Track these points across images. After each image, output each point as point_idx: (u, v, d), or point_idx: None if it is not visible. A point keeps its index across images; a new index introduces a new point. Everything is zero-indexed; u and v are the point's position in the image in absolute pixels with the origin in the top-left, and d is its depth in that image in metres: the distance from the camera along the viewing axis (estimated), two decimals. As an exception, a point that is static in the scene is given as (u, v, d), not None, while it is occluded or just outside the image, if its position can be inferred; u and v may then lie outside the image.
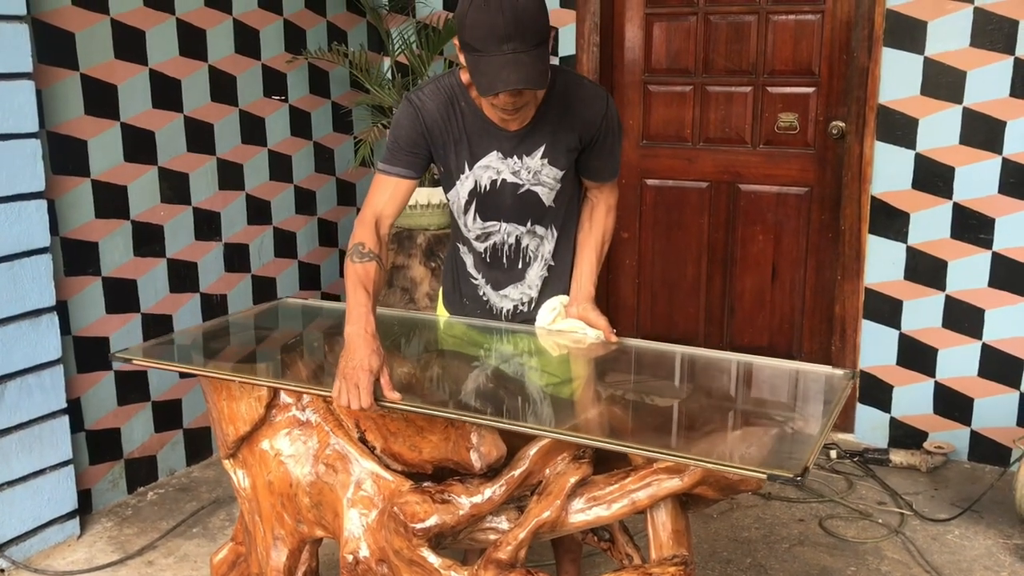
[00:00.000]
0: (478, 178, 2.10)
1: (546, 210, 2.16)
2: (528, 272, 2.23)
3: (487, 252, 2.20)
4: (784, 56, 3.61)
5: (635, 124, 3.92)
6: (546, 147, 2.06)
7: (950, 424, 3.45)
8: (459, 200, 2.15)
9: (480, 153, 2.07)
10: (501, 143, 2.06)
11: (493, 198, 2.12)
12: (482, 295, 2.29)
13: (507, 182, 2.09)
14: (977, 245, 3.31)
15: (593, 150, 2.12)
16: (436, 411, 1.85)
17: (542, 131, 2.05)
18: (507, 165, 2.08)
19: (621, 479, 1.82)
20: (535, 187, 2.10)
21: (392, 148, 2.07)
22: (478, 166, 2.08)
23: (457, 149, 2.08)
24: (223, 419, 2.17)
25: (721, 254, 3.87)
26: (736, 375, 2.14)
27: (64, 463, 2.94)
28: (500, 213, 2.14)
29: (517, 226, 2.16)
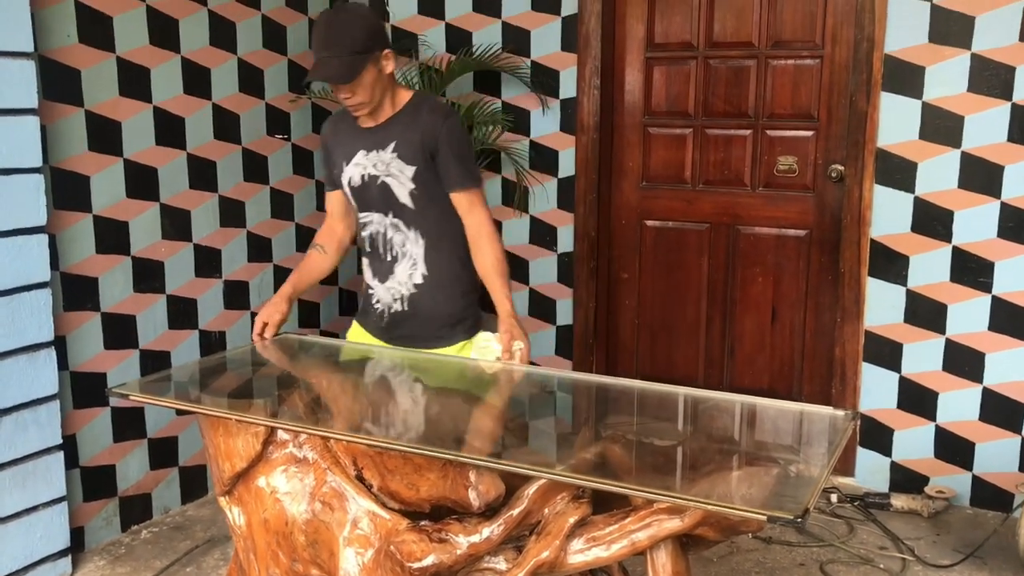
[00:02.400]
0: (351, 174, 2.54)
1: (402, 206, 2.50)
2: (396, 267, 2.55)
3: (369, 240, 2.58)
4: (783, 100, 3.64)
5: (635, 166, 3.94)
6: (396, 143, 2.48)
7: (952, 469, 3.43)
8: (347, 194, 2.60)
9: (352, 153, 2.54)
10: (364, 142, 2.51)
11: (364, 190, 2.53)
12: (372, 296, 2.61)
13: (370, 175, 2.51)
14: (977, 288, 3.31)
15: (438, 156, 2.48)
16: (434, 451, 1.84)
17: (393, 130, 2.49)
18: (369, 160, 2.50)
19: (621, 519, 1.81)
20: (387, 178, 2.49)
21: (324, 165, 2.68)
22: (352, 164, 2.54)
23: (339, 153, 2.58)
24: (219, 455, 2.16)
25: (721, 295, 3.87)
26: (737, 416, 2.13)
27: (58, 500, 2.91)
28: (370, 204, 2.54)
29: (383, 216, 2.53)
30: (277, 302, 2.58)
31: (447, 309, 2.54)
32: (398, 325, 2.57)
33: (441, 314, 2.54)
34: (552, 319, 4.09)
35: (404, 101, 2.49)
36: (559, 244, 4.03)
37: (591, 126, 3.86)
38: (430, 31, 4.07)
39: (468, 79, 4.00)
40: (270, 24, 3.64)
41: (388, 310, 2.58)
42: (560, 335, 4.09)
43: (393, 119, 2.49)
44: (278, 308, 2.57)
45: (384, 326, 2.60)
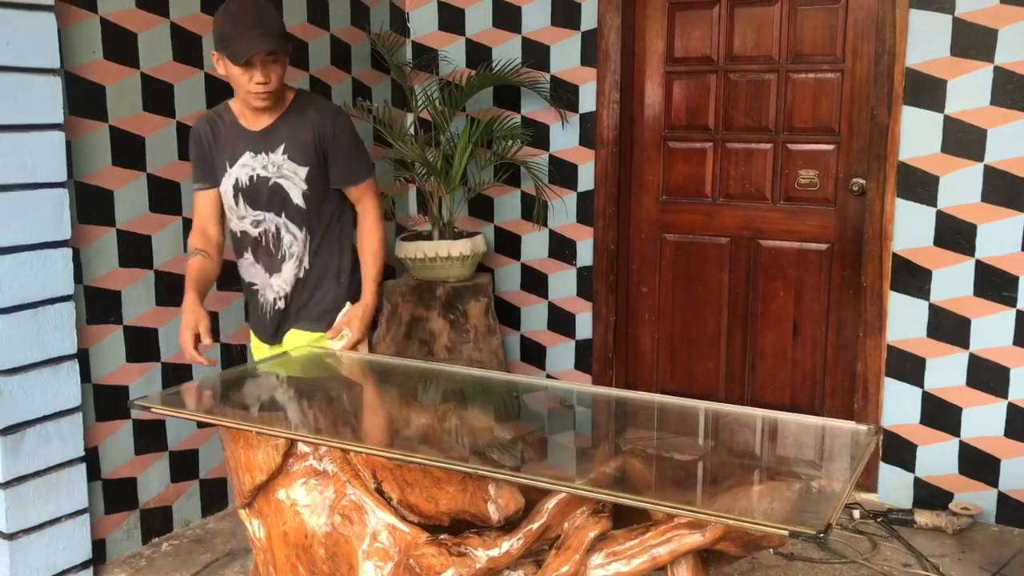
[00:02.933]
0: (238, 175, 2.56)
1: (296, 207, 2.57)
2: (284, 266, 2.63)
3: (261, 238, 2.61)
4: (804, 114, 3.63)
5: (655, 179, 3.94)
6: (286, 144, 2.53)
7: (976, 485, 3.38)
8: (228, 195, 2.60)
9: (237, 154, 2.56)
10: (251, 143, 2.54)
11: (253, 192, 2.56)
12: (258, 294, 2.67)
13: (260, 176, 2.55)
14: (1000, 303, 3.28)
15: (331, 155, 2.56)
16: (454, 464, 1.84)
17: (282, 132, 2.53)
18: (258, 161, 2.54)
19: (641, 534, 1.80)
20: (280, 180, 2.54)
21: (194, 165, 2.65)
22: (237, 165, 2.56)
23: (222, 154, 2.58)
24: (240, 467, 2.17)
25: (742, 310, 3.85)
26: (758, 430, 2.11)
27: (80, 512, 2.93)
28: (260, 205, 2.57)
29: (275, 217, 2.58)
30: (194, 309, 2.52)
31: (325, 299, 2.67)
32: (279, 321, 2.68)
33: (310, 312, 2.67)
34: (571, 333, 4.09)
35: (289, 100, 2.56)
36: (578, 258, 4.02)
37: (610, 140, 3.86)
38: (450, 46, 4.10)
39: (488, 94, 4.01)
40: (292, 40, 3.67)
41: (272, 307, 2.66)
42: (579, 349, 4.08)
43: (280, 120, 2.54)
44: (199, 315, 2.51)
45: (267, 323, 2.69)
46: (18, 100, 2.65)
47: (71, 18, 2.87)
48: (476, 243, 3.88)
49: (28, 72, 2.68)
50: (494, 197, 4.13)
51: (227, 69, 2.46)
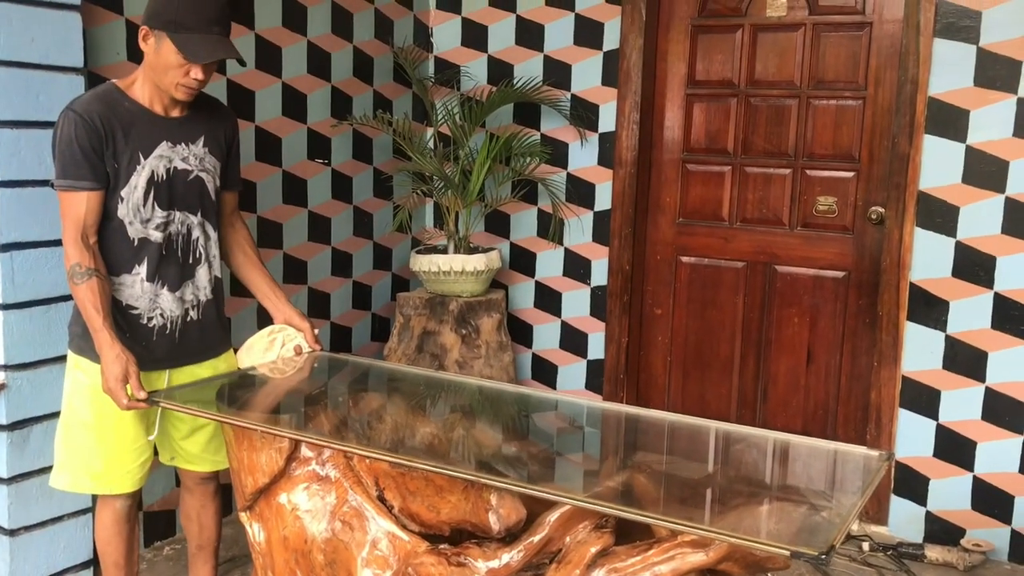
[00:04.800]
0: (154, 167, 2.30)
1: (211, 204, 2.43)
2: (198, 270, 2.43)
3: (165, 243, 2.35)
4: (824, 140, 3.62)
5: (672, 202, 3.92)
6: (205, 136, 2.39)
7: (989, 521, 3.33)
8: (135, 193, 2.29)
9: (151, 145, 2.29)
10: (168, 132, 2.32)
11: (169, 185, 2.33)
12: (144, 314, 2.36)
13: (179, 169, 2.34)
14: (1019, 337, 3.23)
15: (231, 154, 2.48)
16: (456, 472, 1.82)
17: (200, 121, 2.38)
18: (176, 152, 2.33)
19: (644, 551, 1.77)
20: (201, 173, 2.39)
21: (74, 163, 2.22)
22: (152, 156, 2.29)
23: (129, 144, 2.27)
24: (243, 469, 2.16)
25: (756, 335, 3.82)
26: (768, 452, 2.08)
27: (82, 511, 2.92)
28: (175, 201, 2.35)
29: (189, 215, 2.38)
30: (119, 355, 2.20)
31: (222, 314, 2.55)
32: (184, 339, 2.41)
33: (221, 320, 2.55)
34: (583, 353, 4.07)
35: None
36: (593, 278, 4.01)
37: (629, 160, 3.86)
38: (472, 63, 4.11)
39: (508, 111, 4.02)
40: (315, 50, 3.70)
41: (177, 322, 2.40)
42: (591, 369, 4.06)
43: (195, 110, 2.37)
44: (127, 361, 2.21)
45: (164, 344, 2.39)
46: (40, 97, 2.67)
47: (97, 19, 2.90)
48: (491, 258, 3.88)
49: (52, 70, 2.70)
50: (511, 214, 4.13)
51: (160, 52, 2.20)
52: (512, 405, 2.40)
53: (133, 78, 2.34)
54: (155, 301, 2.37)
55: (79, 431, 2.41)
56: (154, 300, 2.37)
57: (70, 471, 2.45)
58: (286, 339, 2.55)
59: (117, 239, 2.31)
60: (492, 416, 2.36)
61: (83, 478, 2.44)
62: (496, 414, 2.36)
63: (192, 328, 2.45)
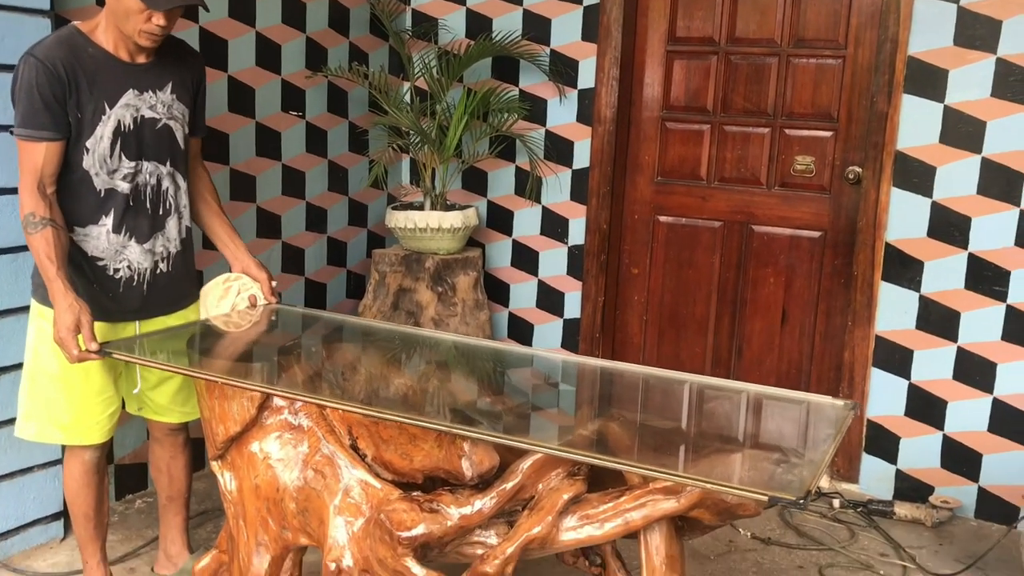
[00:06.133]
0: (121, 117, 2.24)
1: (180, 153, 2.38)
2: (168, 222, 2.38)
3: (132, 195, 2.30)
4: (803, 99, 3.60)
5: (651, 160, 3.90)
6: (173, 82, 2.32)
7: (957, 479, 3.37)
8: (102, 144, 2.23)
9: (117, 93, 2.22)
10: (135, 79, 2.25)
11: (137, 135, 2.27)
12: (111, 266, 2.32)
13: (146, 118, 2.28)
14: (991, 297, 3.25)
15: (198, 100, 2.44)
16: (430, 422, 1.81)
17: (167, 67, 2.31)
18: (144, 101, 2.27)
19: (616, 498, 1.77)
20: (170, 121, 2.33)
21: (33, 111, 2.14)
22: (119, 105, 2.23)
23: (93, 93, 2.19)
24: (214, 418, 2.13)
25: (731, 295, 3.82)
26: (738, 403, 2.09)
27: (52, 462, 2.89)
28: (143, 151, 2.29)
29: (159, 165, 2.33)
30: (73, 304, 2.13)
31: (191, 266, 2.53)
32: (153, 290, 2.38)
33: (191, 271, 2.52)
34: (560, 312, 4.06)
35: None
36: (570, 236, 3.99)
37: (608, 118, 3.83)
38: (450, 16, 4.05)
39: (486, 65, 3.97)
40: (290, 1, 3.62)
41: (145, 275, 2.36)
42: (567, 328, 4.05)
43: (161, 55, 2.30)
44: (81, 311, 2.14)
45: (132, 295, 2.36)
46: (5, 40, 2.60)
47: (64, -39, 2.82)
48: (468, 216, 3.85)
49: (17, 11, 2.63)
50: (488, 171, 4.10)
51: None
52: (486, 359, 2.39)
53: (96, 22, 2.26)
54: (122, 253, 2.33)
55: (45, 381, 2.37)
56: (120, 252, 2.33)
57: (36, 421, 2.42)
58: (242, 288, 2.51)
59: (83, 190, 2.25)
60: (466, 369, 2.35)
61: (50, 428, 2.41)
62: (470, 367, 2.35)
63: (161, 280, 2.41)
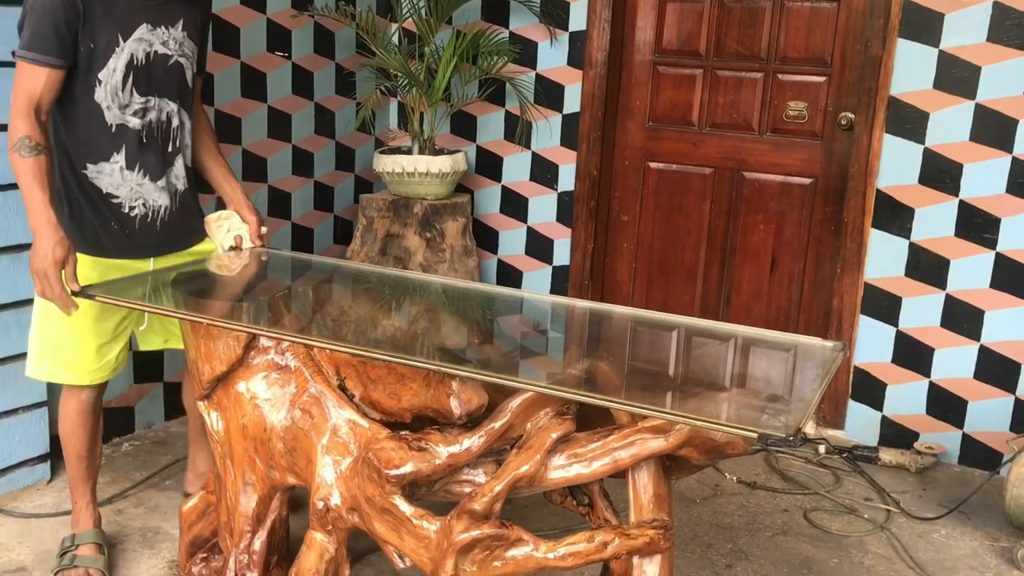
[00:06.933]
0: (134, 51, 2.21)
1: (188, 91, 2.37)
2: (176, 159, 2.37)
3: (144, 130, 2.28)
4: (797, 43, 3.55)
5: (642, 105, 3.86)
6: (184, 19, 2.30)
7: (942, 426, 3.40)
8: (114, 76, 2.20)
9: (131, 27, 2.19)
10: (149, 14, 2.22)
11: (148, 70, 2.24)
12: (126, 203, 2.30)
13: (159, 53, 2.26)
14: (981, 245, 3.25)
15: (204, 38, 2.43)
16: (419, 361, 1.80)
17: (178, 4, 2.28)
18: (156, 36, 2.24)
19: (604, 437, 1.77)
20: (181, 59, 2.31)
21: (43, 35, 2.09)
22: (132, 39, 2.20)
23: (108, 24, 2.15)
24: (200, 358, 2.12)
25: (721, 242, 3.81)
26: (728, 345, 2.08)
27: (38, 404, 2.88)
28: (153, 87, 2.27)
29: (169, 102, 2.31)
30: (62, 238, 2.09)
31: (197, 202, 2.51)
32: (165, 228, 2.38)
33: (198, 208, 2.51)
34: (548, 259, 4.04)
35: None
36: (560, 182, 3.96)
37: (599, 62, 3.77)
38: (439, -44, 3.96)
39: (475, 6, 3.90)
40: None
41: (160, 212, 2.35)
42: (556, 275, 4.04)
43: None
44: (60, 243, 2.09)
45: (147, 233, 2.35)
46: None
47: None
48: (456, 160, 3.80)
49: None
50: (477, 116, 4.04)
51: None
52: (476, 301, 2.37)
53: None
54: (138, 191, 2.31)
55: (54, 322, 2.34)
56: (136, 190, 2.31)
57: (47, 361, 2.40)
58: (231, 227, 2.51)
59: (94, 125, 2.22)
60: (455, 311, 2.33)
61: (60, 368, 2.39)
62: (459, 309, 2.34)
63: (173, 217, 2.40)
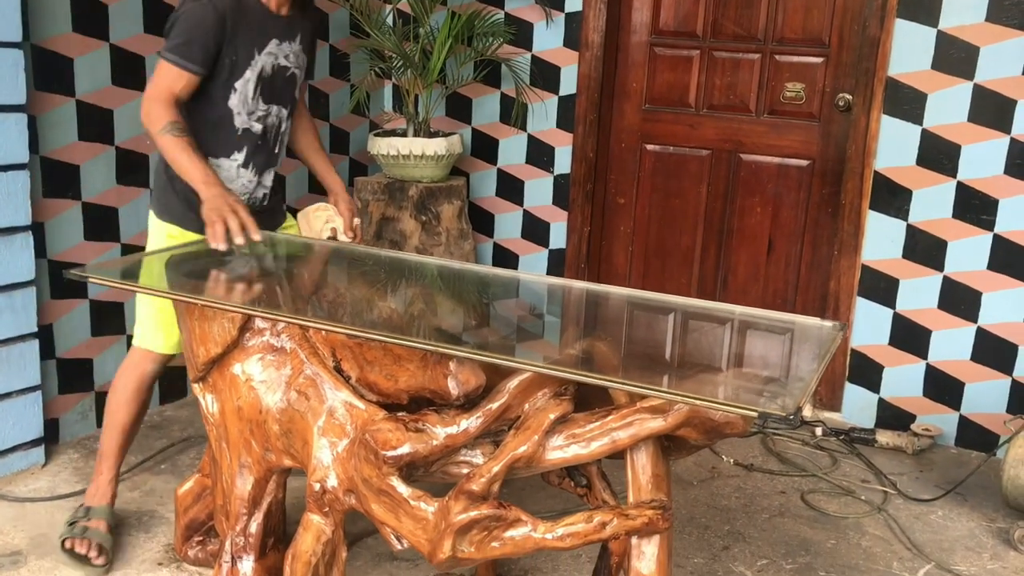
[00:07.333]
0: (264, 63, 2.39)
1: (296, 98, 2.56)
2: (278, 159, 2.55)
3: (261, 134, 2.46)
4: (794, 24, 3.53)
5: (639, 87, 3.83)
6: (302, 35, 2.48)
7: (939, 408, 3.39)
8: (248, 86, 2.38)
9: (265, 41, 2.38)
10: (278, 30, 2.40)
11: (272, 81, 2.43)
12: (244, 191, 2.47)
13: (281, 66, 2.44)
14: (978, 226, 3.24)
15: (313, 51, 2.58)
16: (415, 342, 1.78)
17: (297, 20, 2.46)
18: (281, 50, 2.43)
19: (602, 417, 1.75)
20: (296, 70, 2.49)
21: (190, 45, 2.28)
22: (264, 53, 2.39)
23: (248, 39, 2.34)
24: (194, 340, 2.10)
25: (718, 225, 3.79)
26: (726, 325, 2.07)
27: (32, 388, 2.86)
28: (275, 96, 2.45)
29: (282, 109, 2.49)
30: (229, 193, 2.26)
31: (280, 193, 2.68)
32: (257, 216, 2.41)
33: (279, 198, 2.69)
34: (545, 242, 4.02)
35: None
36: (556, 165, 3.94)
37: (596, 43, 3.75)
38: (434, -64, 3.93)
39: (471, -13, 3.87)
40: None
41: (257, 203, 2.50)
42: (552, 258, 4.02)
43: (296, 7, 2.43)
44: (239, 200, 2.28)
45: None
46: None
47: None
48: (452, 143, 3.78)
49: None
50: (472, 98, 4.02)
51: None
52: (472, 282, 2.35)
53: None
54: (247, 186, 2.47)
55: None
56: (246, 185, 2.47)
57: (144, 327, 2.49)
58: (328, 219, 2.63)
59: (224, 126, 2.39)
60: (451, 292, 2.32)
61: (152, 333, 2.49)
62: (455, 290, 2.32)
63: (267, 207, 2.55)
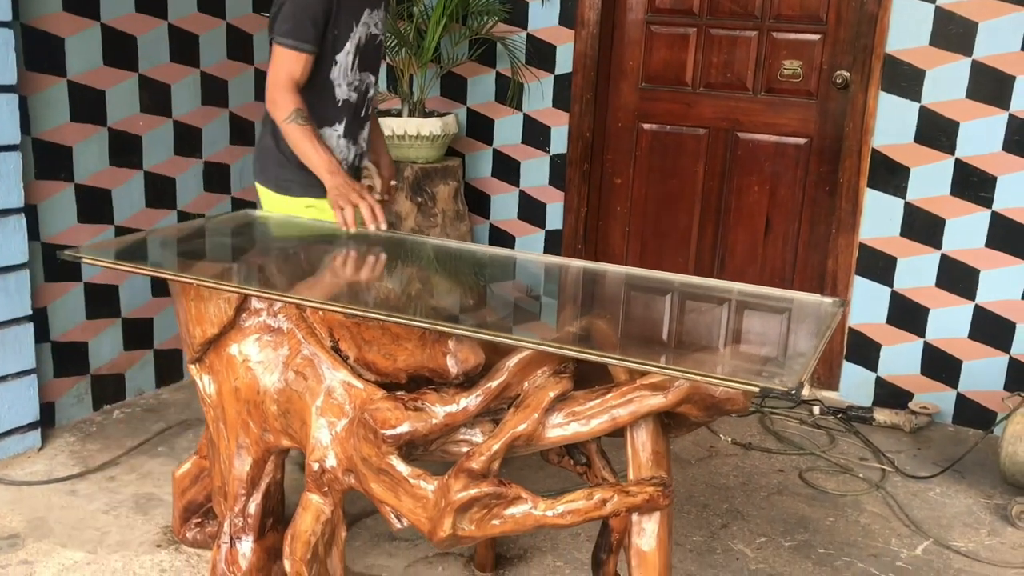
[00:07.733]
0: (360, 34, 2.47)
1: (380, 63, 2.62)
2: (368, 124, 2.64)
3: (356, 103, 2.54)
4: (791, 1, 3.50)
5: (635, 65, 3.81)
6: (385, 1, 2.57)
7: (937, 386, 3.39)
8: (348, 57, 2.47)
9: (359, 12, 2.46)
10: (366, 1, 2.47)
11: (366, 50, 2.51)
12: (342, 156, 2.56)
13: (372, 34, 2.52)
14: (977, 203, 3.23)
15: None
16: (414, 320, 1.77)
17: None
18: (372, 18, 2.50)
19: (602, 395, 1.74)
20: (381, 36, 2.57)
21: (303, 28, 2.35)
22: (360, 23, 2.46)
23: (346, 12, 2.42)
24: (190, 321, 2.08)
25: (715, 204, 3.78)
26: (726, 301, 2.06)
27: (27, 372, 2.84)
28: (367, 64, 2.53)
29: (371, 75, 2.57)
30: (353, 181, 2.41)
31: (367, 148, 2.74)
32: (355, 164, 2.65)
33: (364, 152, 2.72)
34: (541, 223, 4.00)
35: None
36: (552, 145, 3.91)
37: (592, 21, 3.72)
38: (428, -87, 3.89)
39: (466, -35, 3.83)
40: None
41: (346, 166, 2.57)
42: (549, 239, 4.00)
43: None
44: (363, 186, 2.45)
45: None
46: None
47: None
48: (447, 123, 3.75)
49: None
50: (467, 77, 3.99)
51: None
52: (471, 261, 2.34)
53: None
54: (344, 152, 2.55)
55: None
56: (344, 151, 2.55)
57: None
58: (366, 177, 2.74)
59: (326, 98, 2.47)
60: (449, 271, 2.30)
61: None
62: (453, 269, 2.31)
63: (352, 168, 2.62)
